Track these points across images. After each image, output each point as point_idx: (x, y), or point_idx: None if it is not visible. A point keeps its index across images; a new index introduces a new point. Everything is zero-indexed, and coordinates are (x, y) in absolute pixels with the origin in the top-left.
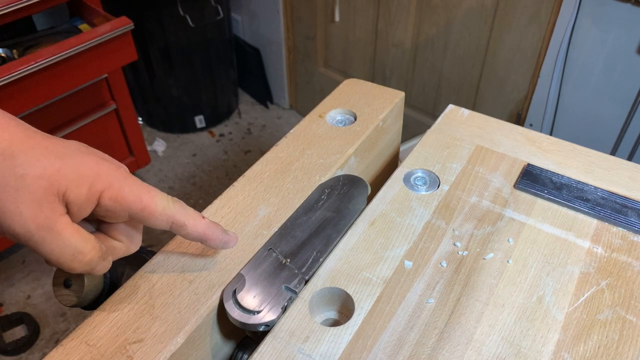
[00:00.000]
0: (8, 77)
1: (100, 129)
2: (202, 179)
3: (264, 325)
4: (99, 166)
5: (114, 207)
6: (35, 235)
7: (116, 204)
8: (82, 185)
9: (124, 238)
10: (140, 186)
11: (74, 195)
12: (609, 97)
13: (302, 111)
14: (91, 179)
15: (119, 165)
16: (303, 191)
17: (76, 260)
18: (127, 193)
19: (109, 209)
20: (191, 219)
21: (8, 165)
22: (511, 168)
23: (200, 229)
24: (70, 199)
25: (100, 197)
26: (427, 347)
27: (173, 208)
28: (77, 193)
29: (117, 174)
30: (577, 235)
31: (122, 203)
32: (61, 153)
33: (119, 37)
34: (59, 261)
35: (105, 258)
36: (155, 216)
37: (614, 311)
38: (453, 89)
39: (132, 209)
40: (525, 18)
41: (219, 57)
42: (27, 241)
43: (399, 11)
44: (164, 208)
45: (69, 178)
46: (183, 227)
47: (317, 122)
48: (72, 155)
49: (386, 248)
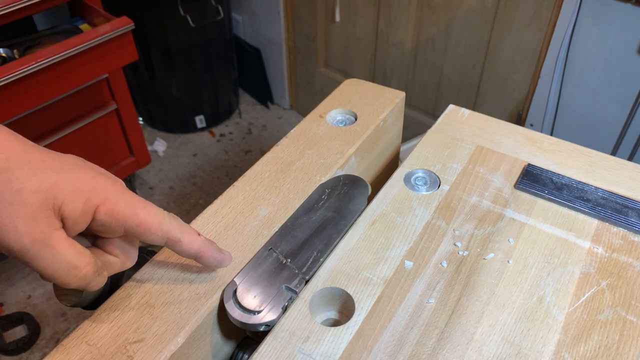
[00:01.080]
0: (9, 77)
1: (101, 129)
2: (202, 179)
3: (264, 325)
4: (95, 180)
5: (110, 222)
6: (30, 250)
7: (112, 218)
8: (78, 200)
9: (119, 253)
10: (137, 201)
11: (70, 209)
12: (610, 97)
13: (302, 111)
14: (87, 193)
15: (116, 179)
16: (303, 191)
17: (71, 275)
18: (123, 208)
19: (104, 223)
20: (187, 236)
21: (4, 179)
22: (512, 168)
23: (196, 246)
24: (66, 214)
25: (96, 211)
26: (428, 347)
27: (169, 224)
28: (72, 207)
29: (114, 188)
30: (578, 236)
31: (118, 218)
32: (58, 167)
33: (119, 37)
34: (54, 276)
35: (100, 273)
36: (151, 231)
37: (614, 311)
38: (453, 89)
39: (127, 223)
40: (526, 18)
41: (219, 57)
42: (22, 256)
43: (399, 11)
44: (159, 223)
45: (65, 192)
46: (178, 244)
47: (318, 122)
48: (69, 170)
49: (386, 248)
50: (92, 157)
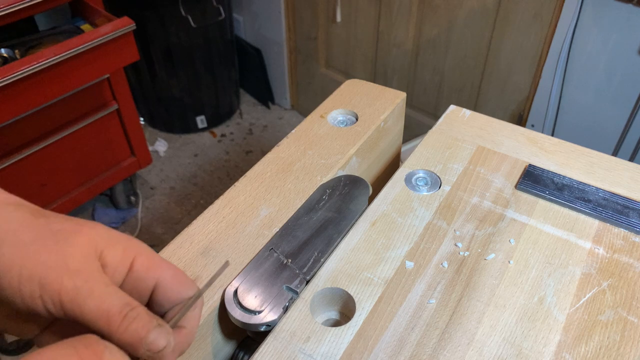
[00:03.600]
0: (10, 77)
1: (102, 129)
2: (203, 179)
3: (265, 325)
4: (125, 234)
5: (146, 274)
6: (82, 288)
7: (148, 270)
8: (117, 247)
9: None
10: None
11: (111, 255)
12: (611, 98)
13: (303, 111)
14: (124, 242)
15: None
16: (304, 191)
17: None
18: (159, 259)
19: (139, 276)
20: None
21: (42, 223)
22: (512, 169)
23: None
24: (107, 260)
25: (134, 261)
26: (428, 347)
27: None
28: (113, 254)
29: (143, 244)
30: (579, 236)
31: (155, 268)
32: (82, 221)
33: (120, 37)
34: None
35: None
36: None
37: (615, 312)
38: (454, 90)
39: (162, 275)
40: (527, 19)
41: (220, 57)
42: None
43: (400, 12)
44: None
45: (104, 239)
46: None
47: (319, 123)
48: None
49: (387, 248)
50: (93, 157)
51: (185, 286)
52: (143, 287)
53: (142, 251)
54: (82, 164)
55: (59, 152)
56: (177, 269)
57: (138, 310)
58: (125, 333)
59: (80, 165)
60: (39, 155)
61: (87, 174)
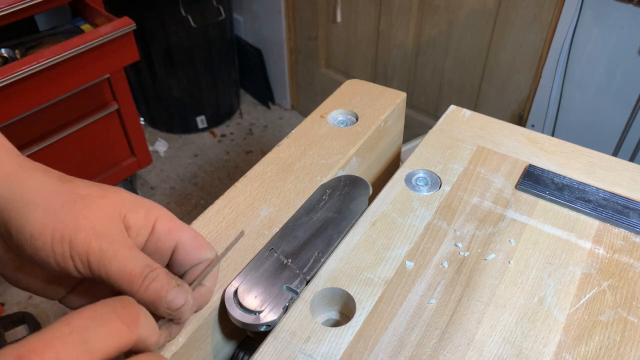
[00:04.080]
0: (10, 77)
1: (102, 130)
2: (203, 179)
3: (265, 325)
4: (146, 198)
5: (167, 236)
6: (108, 250)
7: (170, 231)
8: (140, 210)
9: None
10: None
11: (134, 218)
12: (611, 98)
13: (303, 112)
14: (147, 205)
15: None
16: (304, 191)
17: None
18: (179, 222)
19: (160, 237)
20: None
21: (68, 188)
22: (513, 169)
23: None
24: (130, 222)
25: (155, 223)
26: (429, 347)
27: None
28: (136, 216)
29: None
30: (579, 236)
31: (176, 230)
32: (105, 186)
33: (121, 37)
34: (131, 276)
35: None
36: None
37: (615, 312)
38: (455, 90)
39: (183, 236)
40: (527, 19)
41: (220, 57)
42: (100, 257)
43: (400, 12)
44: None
45: (127, 202)
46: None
47: (319, 123)
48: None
49: (387, 248)
50: (93, 157)
51: (204, 248)
52: (164, 248)
53: (163, 214)
54: (82, 164)
55: (59, 152)
56: (195, 232)
57: (158, 272)
58: (146, 292)
59: (81, 165)
60: (39, 155)
61: (87, 174)
